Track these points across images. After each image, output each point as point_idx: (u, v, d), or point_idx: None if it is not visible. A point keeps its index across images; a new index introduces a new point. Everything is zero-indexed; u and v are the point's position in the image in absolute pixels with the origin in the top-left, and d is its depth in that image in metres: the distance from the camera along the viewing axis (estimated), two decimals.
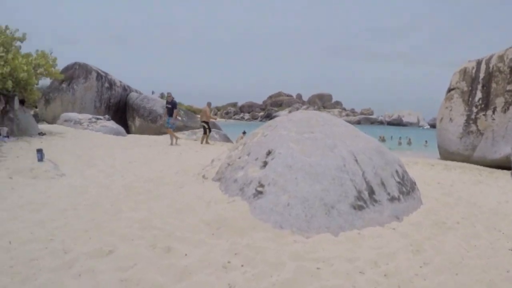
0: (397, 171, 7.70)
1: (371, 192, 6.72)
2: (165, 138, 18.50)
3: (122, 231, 5.49)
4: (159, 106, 26.77)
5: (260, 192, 6.42)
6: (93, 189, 8.09)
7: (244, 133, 23.04)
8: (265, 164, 7.02)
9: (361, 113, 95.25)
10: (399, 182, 7.47)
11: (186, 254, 4.79)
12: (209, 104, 19.86)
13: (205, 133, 19.30)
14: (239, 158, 7.78)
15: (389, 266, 4.78)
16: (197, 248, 4.99)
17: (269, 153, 7.23)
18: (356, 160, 7.08)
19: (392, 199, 6.96)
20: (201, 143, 18.88)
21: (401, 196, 7.20)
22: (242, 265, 4.58)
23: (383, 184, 7.06)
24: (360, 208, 6.31)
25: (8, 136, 14.04)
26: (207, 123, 19.25)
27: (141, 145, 15.69)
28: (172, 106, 17.29)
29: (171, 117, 17.35)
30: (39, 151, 9.98)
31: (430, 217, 7.00)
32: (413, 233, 6.04)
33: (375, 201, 6.63)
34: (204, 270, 4.40)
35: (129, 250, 4.83)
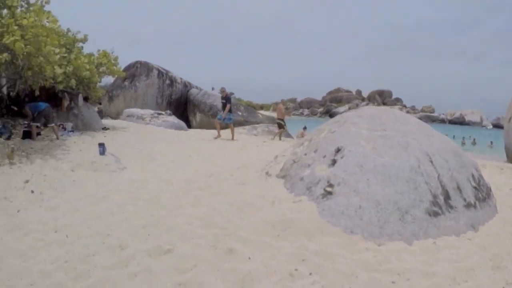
0: (473, 175, 6.92)
1: (447, 197, 6.01)
2: (226, 132, 18.23)
3: (182, 228, 5.18)
4: (219, 102, 26.69)
5: (329, 193, 5.90)
6: (153, 183, 7.89)
7: (304, 128, 22.47)
8: (333, 162, 6.48)
9: (422, 111, 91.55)
10: (475, 187, 6.69)
11: (249, 258, 4.38)
12: (283, 102, 19.51)
13: (280, 128, 19.05)
14: (305, 155, 7.27)
15: (469, 285, 4.17)
16: (261, 251, 4.56)
17: (338, 150, 6.67)
18: (431, 161, 6.38)
19: (468, 205, 6.20)
20: (279, 139, 18.55)
21: (477, 202, 6.41)
22: (310, 274, 4.12)
23: (459, 188, 6.32)
24: (435, 214, 5.65)
25: (72, 131, 14.29)
26: (282, 120, 19.05)
27: (202, 140, 15.49)
28: (226, 101, 16.75)
29: (229, 113, 16.80)
30: (101, 145, 9.96)
31: (508, 228, 6.16)
32: (491, 245, 5.30)
33: (451, 207, 5.92)
34: (269, 278, 3.98)
35: (188, 249, 4.50)
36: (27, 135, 11.90)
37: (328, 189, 5.96)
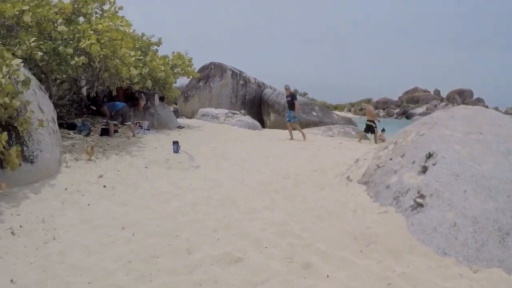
0: None
1: None
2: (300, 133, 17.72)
3: (255, 234, 4.77)
4: None
5: (420, 205, 5.18)
6: (226, 183, 7.56)
7: (383, 130, 21.35)
8: (424, 169, 5.73)
9: (506, 112, 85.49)
10: None
11: (327, 276, 3.82)
12: (372, 103, 18.60)
13: (372, 132, 18.00)
14: (391, 159, 6.60)
15: None
16: (342, 269, 3.99)
17: (429, 156, 5.90)
18: None
19: None
20: (359, 141, 17.62)
21: None
22: None
23: None
24: None
25: (148, 129, 14.42)
26: (373, 121, 17.93)
27: (277, 140, 15.03)
28: (292, 98, 15.72)
29: (292, 111, 15.68)
30: (175, 143, 9.83)
31: None
32: None
33: None
34: None
35: (260, 260, 4.06)
36: (105, 132, 12.07)
37: (419, 200, 5.22)
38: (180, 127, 16.48)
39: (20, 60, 6.84)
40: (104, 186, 6.88)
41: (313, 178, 7.95)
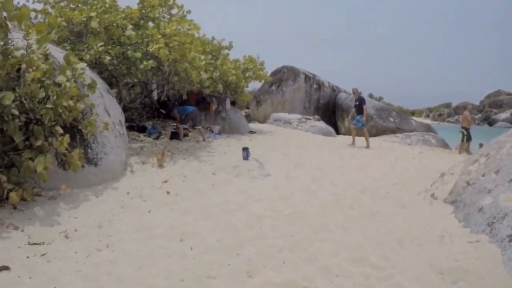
0: None
1: None
2: (378, 140, 16.69)
3: (325, 259, 4.10)
4: (370, 107, 25.07)
5: None
6: (297, 194, 6.94)
7: (469, 140, 19.51)
8: None
9: None
10: None
11: None
12: (469, 109, 17.16)
13: (462, 140, 16.41)
14: (483, 176, 5.62)
15: None
16: None
17: None
18: None
19: None
20: (459, 152, 16.10)
21: None
22: None
23: None
24: None
25: (219, 134, 14.16)
26: (467, 129, 16.33)
27: (352, 147, 14.19)
28: (360, 102, 14.59)
29: (360, 115, 14.48)
30: (245, 149, 9.39)
31: None
32: None
33: None
34: None
35: None
36: (174, 136, 11.89)
37: None
38: (251, 132, 16.10)
39: (85, 64, 6.68)
40: (168, 192, 6.52)
41: (393, 193, 7.12)
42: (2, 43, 5.30)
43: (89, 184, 6.35)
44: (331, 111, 27.47)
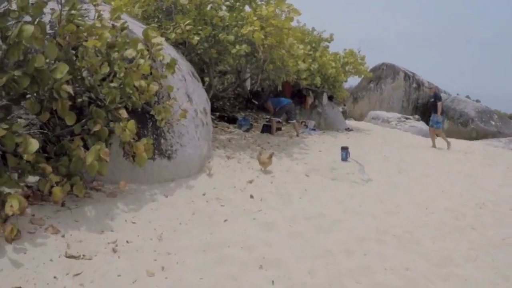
0: None
1: None
2: (481, 145, 14.09)
3: None
4: (471, 109, 22.13)
5: None
6: (405, 208, 5.31)
7: None
8: None
9: None
10: None
11: None
12: None
13: None
14: None
15: None
16: None
17: None
18: None
19: None
20: None
21: None
22: None
23: None
24: None
25: (314, 129, 12.53)
26: None
27: (457, 151, 11.86)
28: (435, 99, 12.01)
29: (435, 114, 11.89)
30: (344, 149, 7.72)
31: None
32: None
33: None
34: None
35: None
36: (266, 129, 10.49)
37: None
38: (348, 129, 14.25)
39: (163, 39, 5.38)
40: (251, 196, 5.10)
41: None
42: (67, 8, 4.13)
43: (160, 180, 5.10)
44: (430, 112, 24.76)
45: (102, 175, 4.05)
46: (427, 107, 25.18)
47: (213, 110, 12.66)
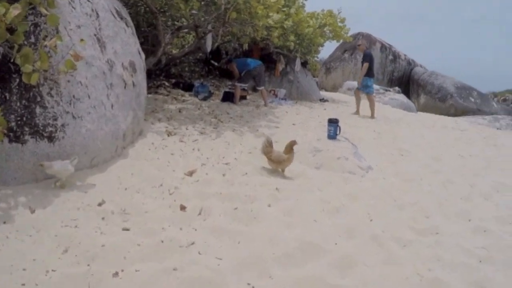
0: None
1: None
2: (464, 122, 12.36)
3: None
4: (450, 84, 20.56)
5: None
6: (429, 210, 3.34)
7: None
8: None
9: None
10: None
11: None
12: None
13: None
14: None
15: None
16: None
17: None
18: None
19: None
20: None
21: None
22: None
23: None
24: None
25: (285, 99, 10.38)
26: None
27: (451, 128, 10.00)
28: (363, 60, 9.59)
29: (367, 77, 9.57)
30: (333, 122, 5.21)
31: None
32: None
33: None
34: None
35: None
36: (228, 97, 8.29)
37: None
38: (322, 100, 12.18)
39: None
40: (182, 208, 2.92)
41: None
42: None
43: (35, 178, 2.94)
44: (405, 85, 23.27)
45: None
46: (402, 81, 23.57)
47: (169, 76, 10.40)
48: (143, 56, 5.09)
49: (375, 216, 3.07)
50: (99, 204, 2.75)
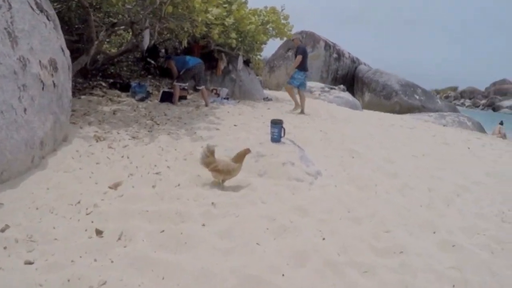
0: None
1: None
2: (411, 120, 12.68)
3: None
4: (395, 81, 21.14)
5: None
6: (391, 222, 3.17)
7: (501, 123, 16.13)
8: None
9: None
10: None
11: None
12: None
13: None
14: None
15: None
16: None
17: None
18: None
19: None
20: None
21: None
22: None
23: None
24: None
25: (227, 98, 10.11)
26: None
27: (399, 126, 10.12)
28: (296, 53, 9.75)
29: (298, 70, 9.48)
30: (276, 124, 4.77)
31: None
32: None
33: None
34: None
35: None
36: (167, 97, 7.91)
37: None
38: (266, 99, 12.04)
39: None
40: (98, 233, 2.51)
41: None
42: None
43: None
44: (350, 83, 23.65)
45: None
46: (347, 79, 23.95)
47: (107, 76, 9.79)
48: (68, 53, 4.64)
49: (328, 233, 2.82)
50: (2, 230, 2.35)
